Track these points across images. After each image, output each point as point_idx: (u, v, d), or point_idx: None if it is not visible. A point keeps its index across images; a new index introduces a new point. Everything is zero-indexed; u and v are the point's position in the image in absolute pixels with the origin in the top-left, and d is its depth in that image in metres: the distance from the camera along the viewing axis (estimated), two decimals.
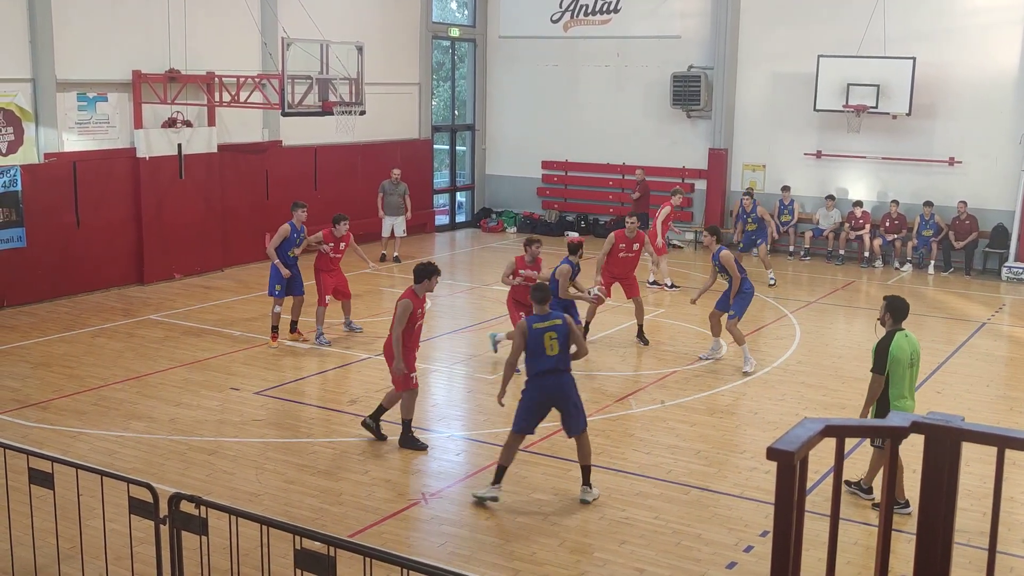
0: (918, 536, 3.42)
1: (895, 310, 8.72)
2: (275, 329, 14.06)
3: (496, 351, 13.57)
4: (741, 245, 19.63)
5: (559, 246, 23.08)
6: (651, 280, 18.35)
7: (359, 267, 19.83)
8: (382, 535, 8.25)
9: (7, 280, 15.88)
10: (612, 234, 14.85)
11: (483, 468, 9.78)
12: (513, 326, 12.97)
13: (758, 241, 19.29)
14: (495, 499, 8.89)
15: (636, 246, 14.83)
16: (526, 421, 8.97)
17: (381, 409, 10.45)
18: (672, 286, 18.10)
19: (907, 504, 8.57)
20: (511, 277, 13.00)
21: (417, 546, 8.14)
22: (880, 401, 8.57)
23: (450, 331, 15.43)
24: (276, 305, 13.96)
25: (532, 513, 8.73)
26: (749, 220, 19.39)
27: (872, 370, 8.62)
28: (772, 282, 18.61)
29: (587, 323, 14.35)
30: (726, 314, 13.09)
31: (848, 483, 9.05)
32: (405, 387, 10.11)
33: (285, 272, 13.81)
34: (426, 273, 9.95)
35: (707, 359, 13.54)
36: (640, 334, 14.47)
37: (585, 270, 13.99)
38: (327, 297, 14.23)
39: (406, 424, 10.27)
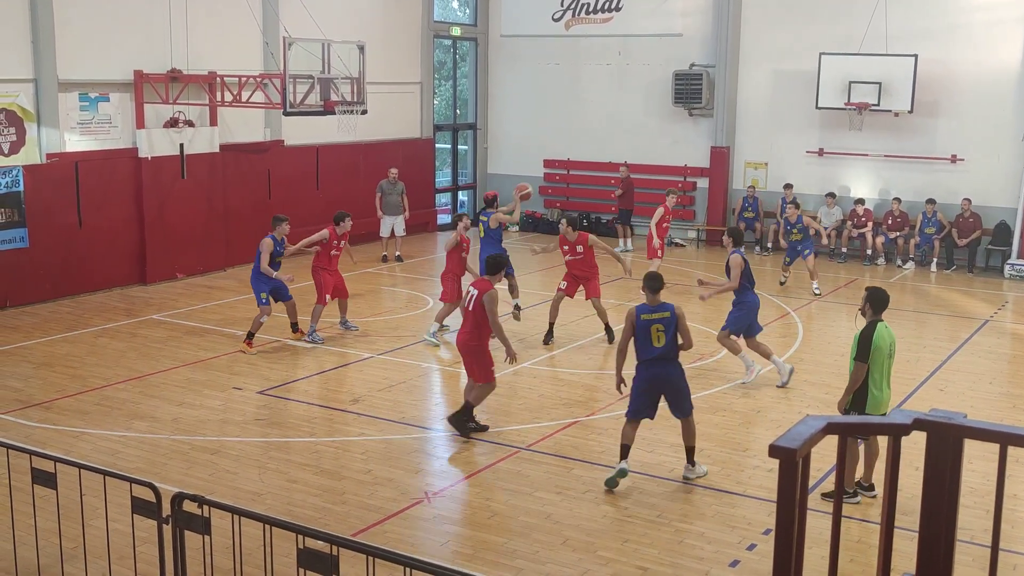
0: (921, 533, 3.42)
1: (876, 301, 8.79)
2: (251, 336, 13.73)
3: (434, 340, 14.04)
4: (788, 260, 18.54)
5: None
6: None
7: (361, 266, 19.89)
8: (385, 534, 8.26)
9: (10, 280, 15.89)
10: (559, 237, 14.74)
11: (485, 467, 9.79)
12: (446, 301, 13.90)
13: (805, 252, 18.12)
14: (624, 473, 9.21)
15: (579, 248, 14.33)
16: (636, 405, 9.37)
17: (469, 406, 10.62)
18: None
19: (872, 488, 8.94)
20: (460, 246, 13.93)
21: (420, 545, 8.14)
22: (859, 389, 8.65)
23: (452, 330, 15.39)
24: (263, 315, 13.70)
25: (535, 512, 8.74)
26: (794, 231, 18.20)
27: (855, 358, 8.61)
28: (817, 292, 17.82)
29: (551, 323, 14.50)
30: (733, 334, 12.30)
31: (860, 486, 9.07)
32: (487, 380, 10.54)
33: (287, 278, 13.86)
34: (500, 265, 10.63)
35: (747, 382, 12.52)
36: (607, 331, 14.48)
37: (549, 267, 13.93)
38: (328, 296, 14.22)
39: (468, 407, 10.58)
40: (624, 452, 9.33)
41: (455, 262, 14.16)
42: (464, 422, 10.57)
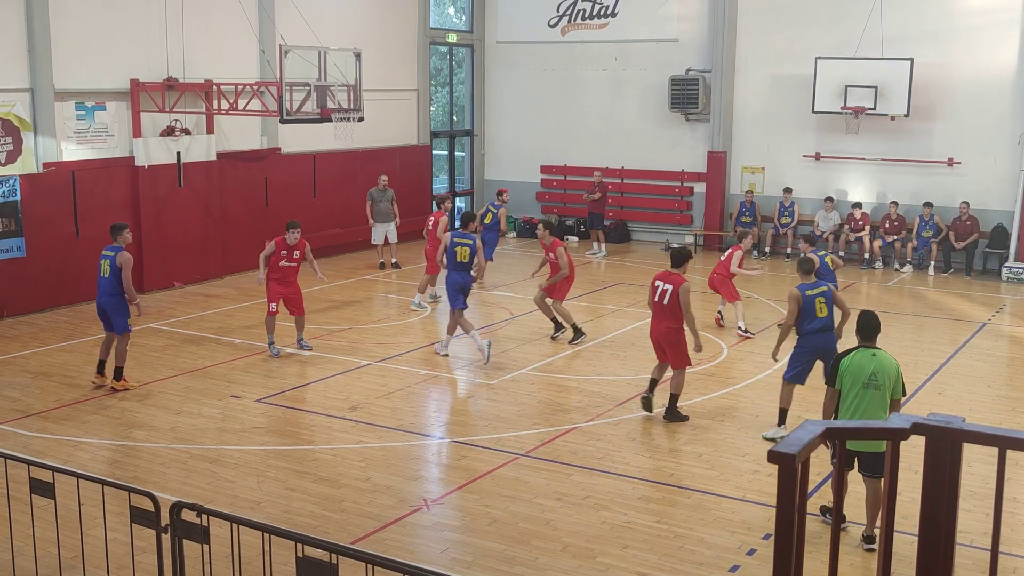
0: (920, 537, 3.41)
1: (862, 327, 8.28)
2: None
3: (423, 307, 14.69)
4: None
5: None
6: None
7: (360, 274, 19.89)
8: (384, 542, 8.24)
9: (7, 290, 15.87)
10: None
11: (484, 474, 9.78)
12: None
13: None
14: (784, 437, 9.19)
15: (551, 254, 14.45)
16: (796, 371, 10.50)
17: (673, 397, 11.27)
18: None
19: (874, 539, 8.10)
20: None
21: (419, 552, 8.13)
22: (836, 416, 8.10)
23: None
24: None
25: (534, 518, 8.72)
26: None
27: (825, 380, 8.30)
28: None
29: (552, 318, 14.72)
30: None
31: (825, 510, 8.59)
32: (684, 365, 11.27)
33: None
34: (685, 258, 11.34)
35: None
36: (556, 328, 14.77)
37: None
38: (273, 305, 13.71)
39: (673, 399, 11.26)
40: (782, 416, 10.54)
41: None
42: (676, 412, 11.28)
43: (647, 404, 11.41)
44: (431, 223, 17.10)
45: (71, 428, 10.99)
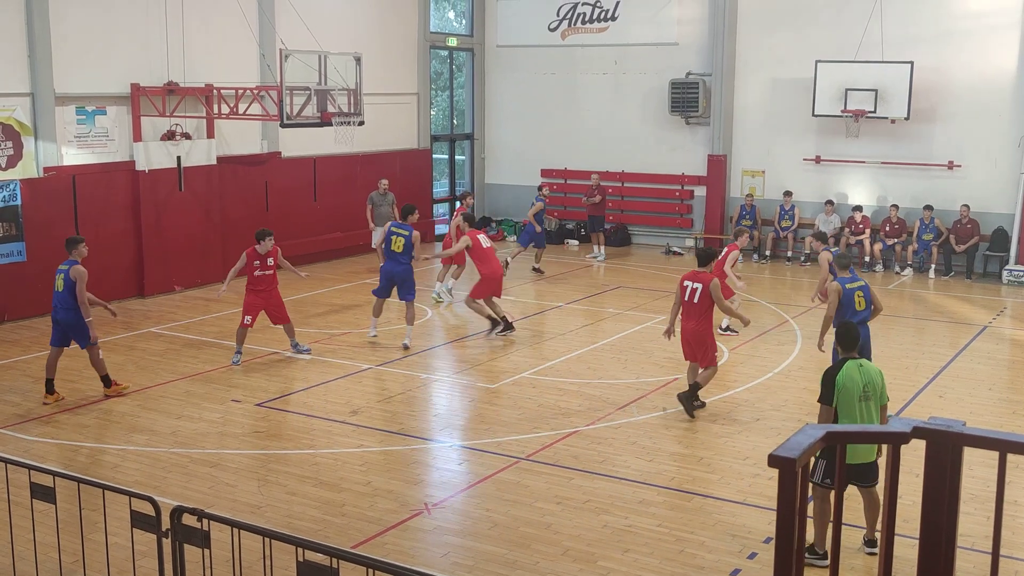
0: (921, 541, 3.42)
1: (843, 339, 8.16)
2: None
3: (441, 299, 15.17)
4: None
5: (560, 253, 23.15)
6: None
7: (360, 277, 19.89)
8: (385, 546, 8.24)
9: (8, 294, 15.88)
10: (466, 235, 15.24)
11: (485, 477, 9.77)
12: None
13: None
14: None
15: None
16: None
17: (696, 386, 11.54)
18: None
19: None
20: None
21: (420, 556, 8.13)
22: None
23: (450, 340, 15.42)
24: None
25: (535, 522, 8.72)
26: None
27: (819, 399, 7.94)
28: None
29: (488, 316, 14.99)
30: None
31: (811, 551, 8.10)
32: (712, 364, 11.55)
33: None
34: (711, 256, 11.82)
35: None
36: (493, 325, 15.03)
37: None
38: (248, 318, 13.56)
39: (695, 387, 11.51)
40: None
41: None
42: (690, 400, 11.49)
43: (690, 406, 11.57)
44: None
45: (72, 432, 10.98)
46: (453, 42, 25.24)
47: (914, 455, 3.70)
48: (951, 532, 3.35)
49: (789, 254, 22.08)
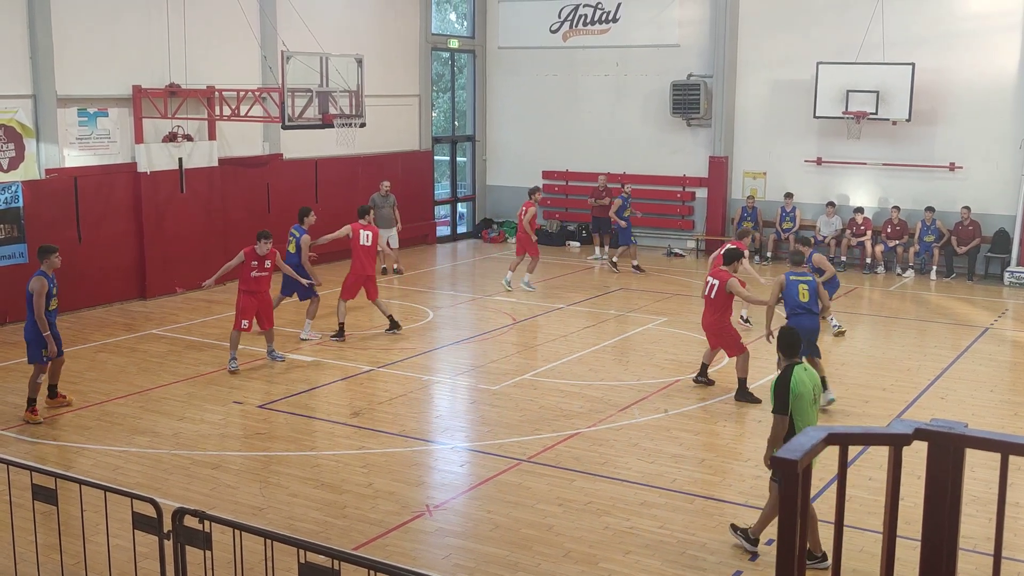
0: (923, 543, 3.42)
1: (784, 344, 8.08)
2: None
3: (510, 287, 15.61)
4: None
5: (562, 255, 23.16)
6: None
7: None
8: (386, 548, 8.24)
9: (9, 296, 15.86)
10: (348, 225, 15.56)
11: (487, 479, 9.78)
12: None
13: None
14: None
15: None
16: None
17: (741, 381, 12.18)
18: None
19: (824, 558, 7.99)
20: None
21: (421, 558, 8.13)
22: (785, 439, 7.47)
23: (452, 342, 15.43)
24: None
25: (536, 524, 8.72)
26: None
27: (773, 410, 7.75)
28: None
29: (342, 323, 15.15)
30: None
31: (735, 528, 8.34)
32: (740, 351, 12.23)
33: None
34: (736, 256, 12.46)
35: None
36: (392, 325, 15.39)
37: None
38: (244, 322, 13.35)
39: (742, 382, 12.16)
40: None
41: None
42: (746, 393, 12.11)
43: (703, 380, 12.72)
44: (523, 212, 18.75)
45: (73, 434, 10.99)
46: (454, 44, 25.25)
47: (915, 456, 3.70)
48: (953, 534, 3.35)
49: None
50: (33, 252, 16.05)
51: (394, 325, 15.40)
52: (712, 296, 12.28)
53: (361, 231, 15.32)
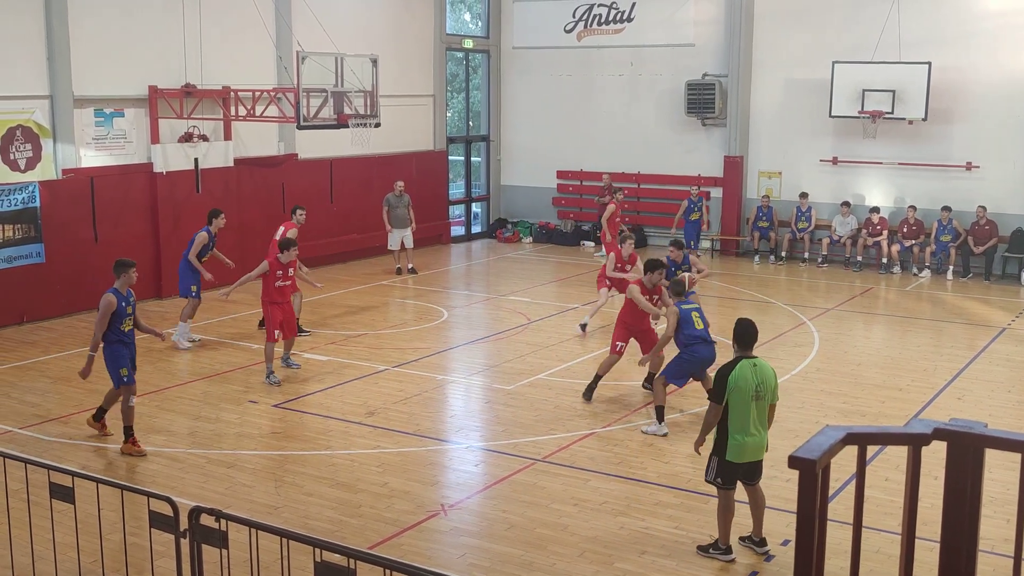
0: (942, 544, 3.40)
1: (739, 336, 8.05)
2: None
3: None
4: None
5: (576, 254, 23.14)
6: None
7: (376, 279, 19.93)
8: (401, 547, 8.25)
9: (26, 296, 15.97)
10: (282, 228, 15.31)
11: (501, 479, 9.77)
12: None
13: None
14: (664, 435, 10.82)
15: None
16: (678, 374, 11.18)
17: (597, 379, 12.22)
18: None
19: (764, 543, 8.19)
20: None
21: (437, 558, 8.13)
22: (719, 431, 7.93)
23: (467, 341, 15.43)
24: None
25: (551, 524, 8.71)
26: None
27: (709, 397, 8.03)
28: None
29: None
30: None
31: (702, 548, 8.20)
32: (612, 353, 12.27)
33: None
34: (658, 265, 12.19)
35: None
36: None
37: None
38: (276, 332, 12.95)
39: (597, 379, 12.26)
40: (661, 414, 11.01)
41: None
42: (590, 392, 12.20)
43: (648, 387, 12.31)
44: (607, 213, 19.27)
45: (90, 433, 11.02)
46: (469, 44, 25.25)
47: (932, 457, 3.67)
48: (972, 535, 3.33)
49: (805, 255, 22.00)
50: (50, 252, 16.14)
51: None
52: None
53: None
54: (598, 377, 12.23)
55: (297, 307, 14.59)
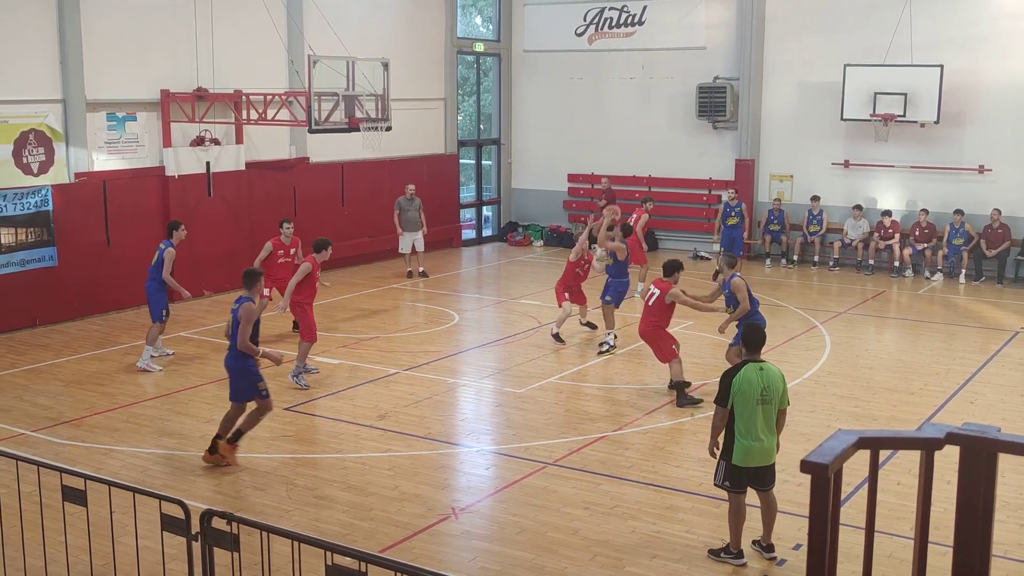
0: (955, 549, 3.38)
1: (748, 340, 8.13)
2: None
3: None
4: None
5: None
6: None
7: (387, 283, 19.94)
8: (412, 550, 8.25)
9: (39, 299, 16.03)
10: (269, 242, 15.15)
11: (512, 482, 9.77)
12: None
13: None
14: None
15: (293, 250, 15.23)
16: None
17: (677, 384, 12.26)
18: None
19: (772, 548, 8.18)
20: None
21: (447, 561, 8.13)
22: (727, 435, 7.96)
23: (478, 345, 15.43)
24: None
25: (562, 527, 8.71)
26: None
27: (714, 400, 8.06)
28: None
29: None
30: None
31: (713, 552, 8.20)
32: (671, 358, 12.35)
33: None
34: (677, 267, 12.74)
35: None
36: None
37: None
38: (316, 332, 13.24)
39: (680, 386, 12.24)
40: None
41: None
42: (686, 397, 12.14)
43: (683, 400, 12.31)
44: (633, 219, 18.79)
45: (102, 436, 11.07)
46: (480, 47, 25.27)
47: (945, 462, 3.66)
48: (986, 540, 3.32)
49: (816, 259, 21.95)
50: (62, 255, 16.20)
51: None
52: (651, 304, 12.49)
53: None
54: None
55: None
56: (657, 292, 12.43)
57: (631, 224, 17.39)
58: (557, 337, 15.03)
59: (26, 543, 7.64)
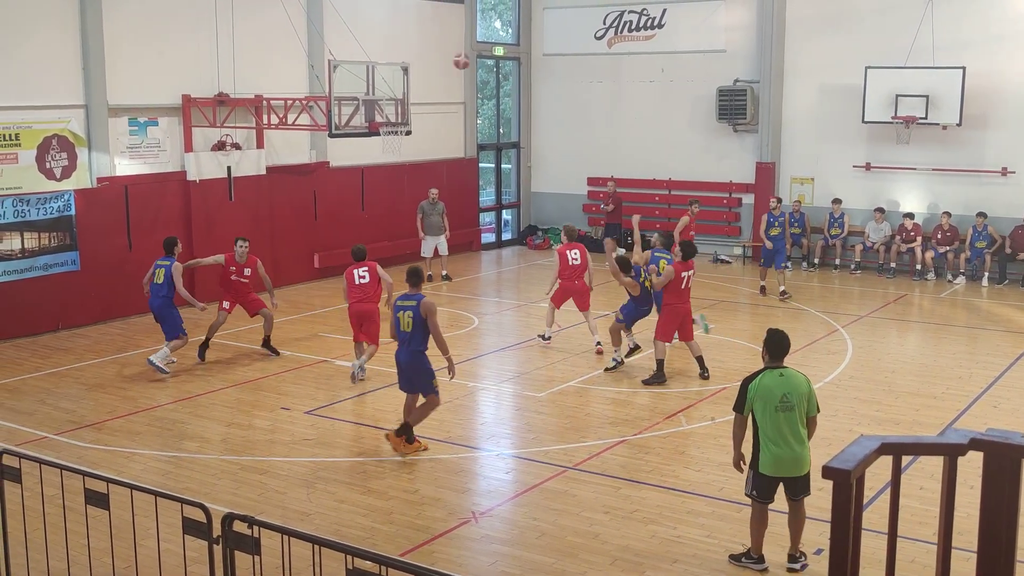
0: (979, 555, 3.36)
1: (770, 346, 7.92)
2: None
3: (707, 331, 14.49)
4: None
5: (606, 261, 23.05)
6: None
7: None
8: (432, 554, 8.25)
9: (62, 303, 16.15)
10: (223, 255, 14.82)
11: (532, 486, 9.76)
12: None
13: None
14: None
15: (247, 271, 14.67)
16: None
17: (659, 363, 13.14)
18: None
19: (802, 556, 8.05)
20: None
21: (468, 565, 8.13)
22: (754, 444, 7.86)
23: (497, 349, 15.43)
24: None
25: (582, 532, 8.69)
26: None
27: (733, 408, 7.98)
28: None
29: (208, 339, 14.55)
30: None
31: (735, 558, 8.15)
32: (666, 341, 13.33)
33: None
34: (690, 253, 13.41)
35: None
36: (265, 343, 14.72)
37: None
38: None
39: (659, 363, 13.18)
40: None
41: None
42: (655, 377, 13.10)
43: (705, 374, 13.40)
44: (680, 225, 18.75)
45: (124, 439, 11.13)
46: (500, 51, 25.30)
47: (968, 466, 3.63)
48: (1011, 545, 3.29)
49: (838, 262, 21.85)
50: (85, 260, 16.32)
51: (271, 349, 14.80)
52: (688, 286, 13.44)
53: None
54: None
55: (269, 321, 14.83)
56: (692, 272, 13.57)
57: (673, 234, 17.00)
58: (543, 337, 15.23)
59: (49, 546, 7.68)
